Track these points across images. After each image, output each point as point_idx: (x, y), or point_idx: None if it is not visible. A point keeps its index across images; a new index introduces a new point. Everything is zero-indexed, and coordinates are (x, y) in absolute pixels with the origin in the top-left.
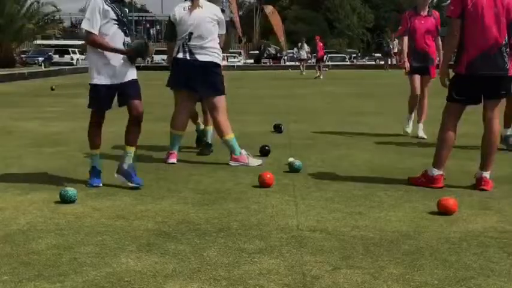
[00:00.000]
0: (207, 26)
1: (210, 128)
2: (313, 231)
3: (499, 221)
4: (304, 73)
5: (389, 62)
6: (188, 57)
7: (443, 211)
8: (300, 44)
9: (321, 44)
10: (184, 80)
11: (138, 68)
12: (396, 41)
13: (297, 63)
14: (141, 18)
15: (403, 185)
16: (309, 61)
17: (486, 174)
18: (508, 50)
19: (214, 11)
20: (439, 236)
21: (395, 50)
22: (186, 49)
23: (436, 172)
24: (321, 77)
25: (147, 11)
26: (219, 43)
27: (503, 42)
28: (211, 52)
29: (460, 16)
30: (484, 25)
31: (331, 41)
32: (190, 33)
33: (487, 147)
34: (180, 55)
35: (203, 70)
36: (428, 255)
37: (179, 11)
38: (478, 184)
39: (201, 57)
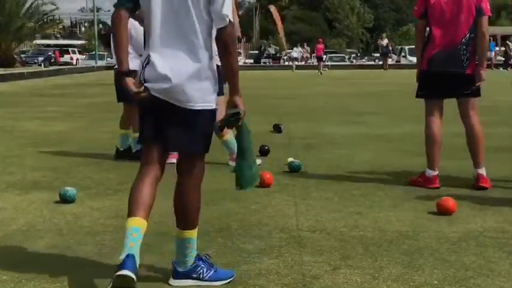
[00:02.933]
0: None
1: (122, 132)
2: (313, 231)
3: (498, 221)
4: (294, 70)
5: (388, 62)
6: None
7: (442, 211)
8: (293, 48)
9: (320, 46)
10: None
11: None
12: (386, 40)
13: (290, 62)
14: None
15: (402, 185)
16: (308, 61)
17: (481, 171)
18: (468, 48)
19: None
20: (438, 236)
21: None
22: None
23: (432, 173)
24: (321, 73)
25: None
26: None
27: (463, 40)
28: None
29: (424, 16)
30: (442, 23)
31: (330, 41)
32: None
33: (472, 144)
34: None
35: None
36: (428, 255)
37: None
38: (476, 182)
39: None
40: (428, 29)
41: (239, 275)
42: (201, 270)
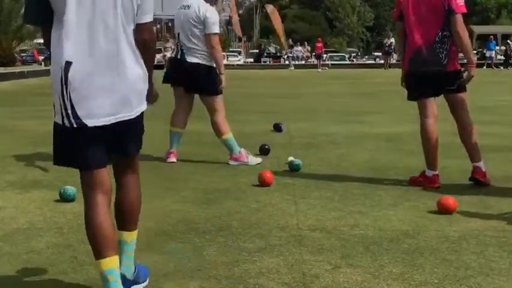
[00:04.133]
0: (190, 28)
1: None
2: (313, 230)
3: (498, 220)
4: (292, 68)
5: (389, 61)
6: (179, 57)
7: (443, 210)
8: (291, 45)
9: (319, 45)
10: (176, 78)
11: None
12: (392, 39)
13: (286, 62)
14: None
15: (402, 184)
16: (309, 60)
17: (476, 164)
18: (444, 45)
19: (197, 10)
20: (438, 235)
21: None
22: (179, 49)
23: (431, 173)
24: (319, 70)
25: None
26: (210, 43)
27: (436, 38)
28: (199, 53)
29: (401, 18)
30: (414, 22)
31: (331, 40)
32: (178, 34)
33: (465, 138)
34: (173, 54)
35: (192, 71)
36: (428, 254)
37: (177, 10)
38: (472, 174)
39: (189, 58)
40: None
41: (240, 274)
42: (141, 271)
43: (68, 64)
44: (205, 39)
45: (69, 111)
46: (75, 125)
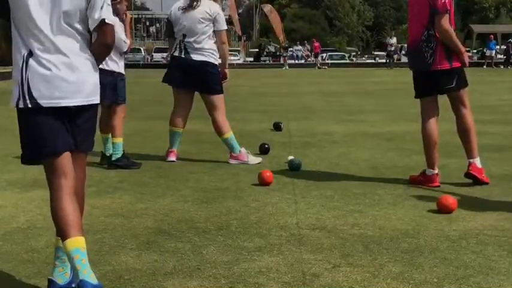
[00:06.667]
0: (200, 27)
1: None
2: (313, 230)
3: (498, 219)
4: (286, 67)
5: (394, 60)
6: (183, 56)
7: (442, 209)
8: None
9: (316, 44)
10: (179, 77)
11: (138, 66)
12: (395, 38)
13: (282, 61)
14: (140, 16)
15: (402, 183)
16: (309, 59)
17: (472, 160)
18: (430, 44)
19: (207, 9)
20: (438, 234)
21: (393, 48)
22: (182, 47)
23: (431, 172)
24: (318, 66)
25: (146, 9)
26: (221, 39)
27: (422, 37)
28: (206, 52)
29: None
30: (409, 21)
31: (331, 39)
32: (184, 35)
33: (462, 134)
34: (176, 53)
35: (197, 69)
36: (428, 253)
37: (175, 11)
38: (468, 170)
39: (195, 57)
40: None
41: (239, 273)
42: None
43: (29, 64)
44: (216, 36)
45: None
46: None
